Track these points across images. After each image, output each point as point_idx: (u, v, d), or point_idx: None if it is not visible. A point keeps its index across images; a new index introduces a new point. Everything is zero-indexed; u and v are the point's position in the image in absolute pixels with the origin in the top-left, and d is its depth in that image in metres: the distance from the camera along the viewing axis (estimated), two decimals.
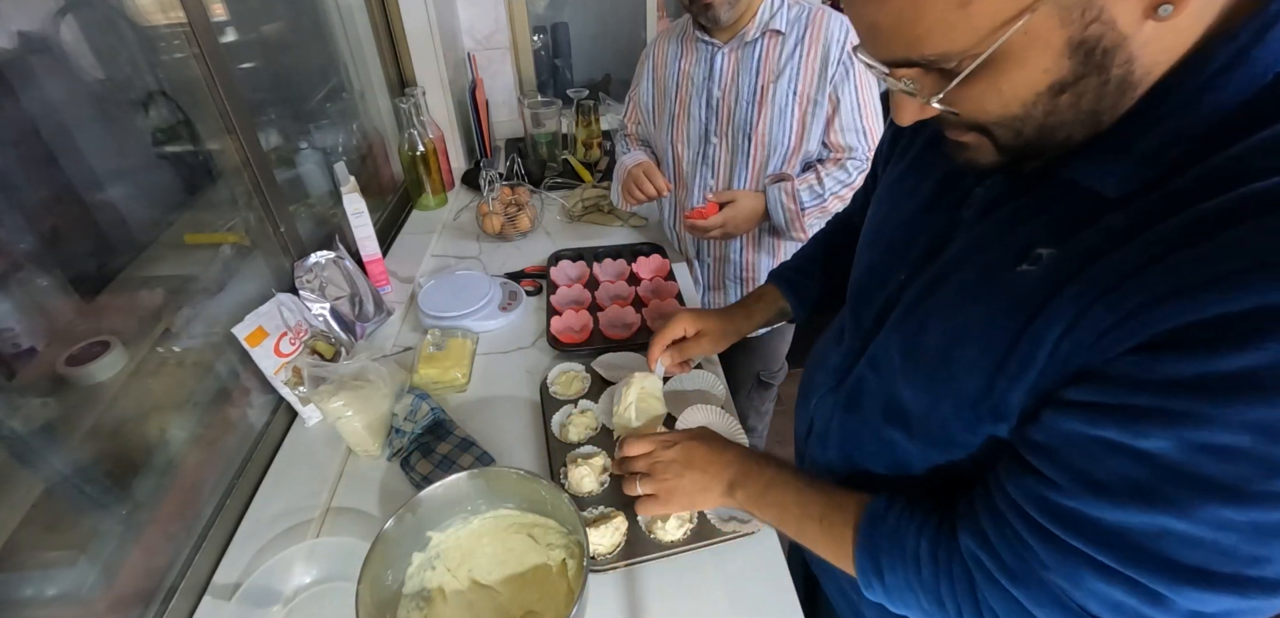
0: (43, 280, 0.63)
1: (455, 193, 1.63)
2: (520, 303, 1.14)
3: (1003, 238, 0.43)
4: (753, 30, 1.08)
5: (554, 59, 2.03)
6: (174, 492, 0.73)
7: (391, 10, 1.51)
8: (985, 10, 0.31)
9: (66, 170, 0.68)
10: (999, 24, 0.32)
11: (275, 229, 0.97)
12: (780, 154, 1.13)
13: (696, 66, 1.15)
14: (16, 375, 0.59)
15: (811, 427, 0.66)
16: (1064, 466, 0.37)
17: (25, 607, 0.57)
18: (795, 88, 1.08)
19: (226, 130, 0.88)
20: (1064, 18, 0.31)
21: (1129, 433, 0.34)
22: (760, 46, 1.09)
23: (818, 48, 1.06)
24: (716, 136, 1.17)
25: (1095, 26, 0.31)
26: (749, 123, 1.12)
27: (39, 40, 0.66)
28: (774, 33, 1.08)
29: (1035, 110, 0.36)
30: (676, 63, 1.19)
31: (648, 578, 0.70)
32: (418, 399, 0.86)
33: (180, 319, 0.79)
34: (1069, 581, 0.38)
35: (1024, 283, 0.40)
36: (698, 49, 1.15)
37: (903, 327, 0.51)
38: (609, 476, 0.79)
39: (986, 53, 0.33)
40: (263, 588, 0.68)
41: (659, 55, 1.24)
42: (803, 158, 1.14)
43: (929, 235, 0.51)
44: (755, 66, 1.10)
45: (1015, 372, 0.40)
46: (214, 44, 0.84)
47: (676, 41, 1.20)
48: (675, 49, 1.20)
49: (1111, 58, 0.33)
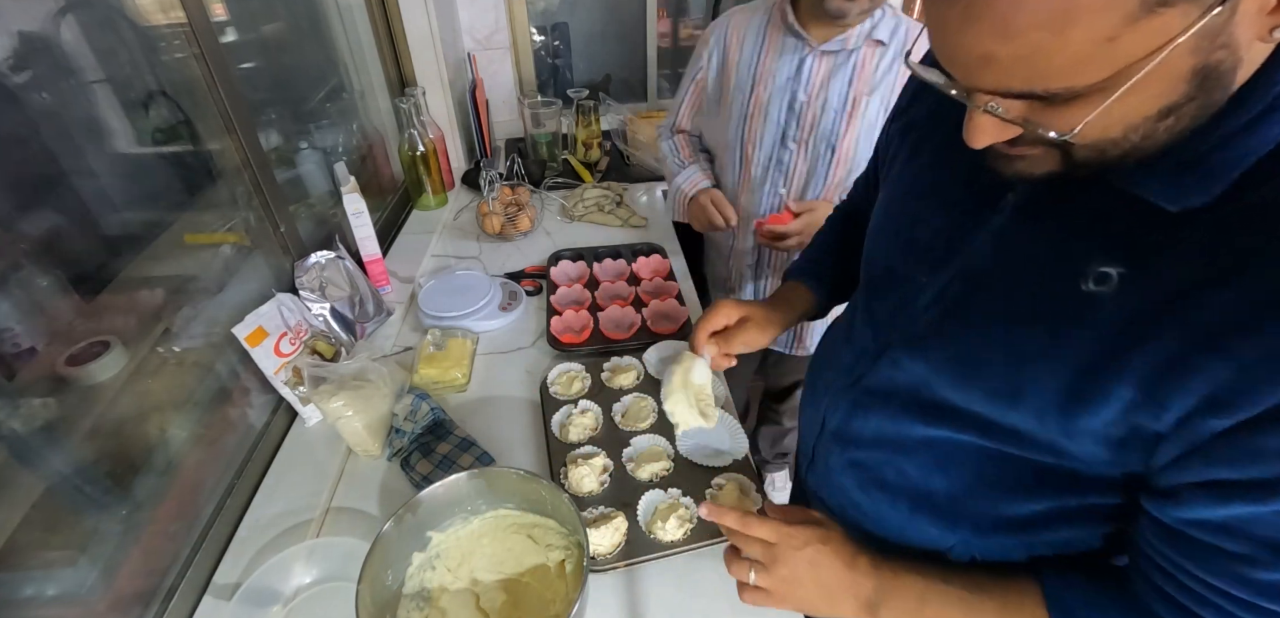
0: (43, 280, 0.63)
1: (455, 193, 1.63)
2: (520, 303, 1.14)
3: (1049, 246, 0.42)
4: (854, 37, 0.98)
5: (554, 59, 2.03)
6: (174, 492, 0.73)
7: (391, 10, 1.51)
8: (1132, 43, 0.29)
9: (67, 170, 0.68)
10: (1141, 57, 0.29)
11: (275, 229, 0.97)
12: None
13: (780, 63, 1.04)
14: (16, 375, 0.59)
15: (823, 427, 0.64)
16: (1250, 540, 0.36)
17: (25, 607, 0.57)
18: (888, 105, 1.00)
19: (226, 130, 0.88)
20: (1198, 46, 0.30)
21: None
22: (858, 55, 1.00)
23: None
24: (794, 143, 1.07)
25: (1222, 52, 0.31)
26: (835, 134, 1.03)
27: (39, 40, 0.66)
28: (875, 42, 0.99)
29: (1135, 134, 0.34)
30: (756, 54, 1.06)
31: (648, 578, 0.70)
32: (418, 399, 0.86)
33: (180, 319, 0.79)
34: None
35: (1095, 307, 0.39)
36: (784, 43, 1.03)
37: (938, 332, 0.50)
38: (609, 476, 0.79)
39: (1125, 86, 0.30)
40: (263, 588, 0.68)
41: (733, 40, 1.10)
42: None
43: (953, 236, 0.49)
44: (850, 75, 1.00)
45: (1093, 403, 0.39)
46: (214, 44, 0.84)
47: (757, 31, 1.07)
48: (755, 39, 1.07)
49: (1222, 80, 0.32)
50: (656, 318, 1.08)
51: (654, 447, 0.83)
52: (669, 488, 0.77)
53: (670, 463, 0.81)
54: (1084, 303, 0.39)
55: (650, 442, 0.84)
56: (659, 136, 1.34)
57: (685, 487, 0.77)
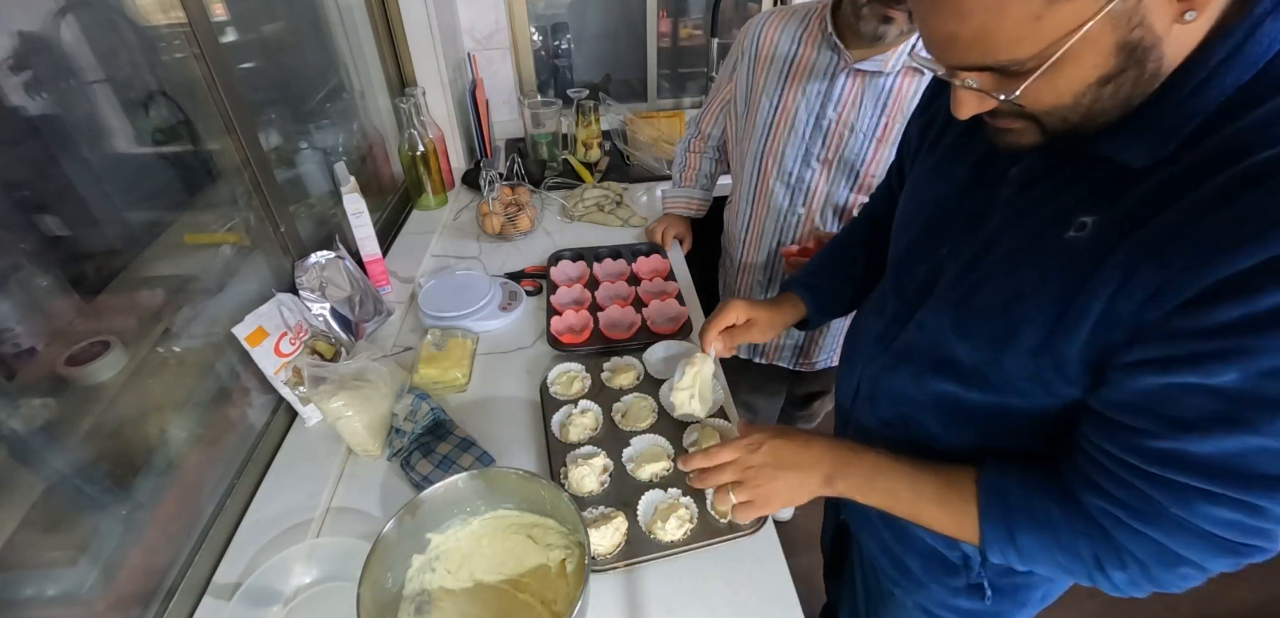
0: (43, 280, 0.63)
1: (455, 193, 1.63)
2: (520, 303, 1.14)
3: (1045, 207, 0.49)
4: (893, 59, 0.94)
5: (554, 59, 2.03)
6: (174, 492, 0.73)
7: (391, 10, 1.51)
8: (1054, 22, 0.37)
9: (67, 170, 0.68)
10: (1065, 33, 0.37)
11: (275, 229, 0.97)
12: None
13: (813, 75, 1.00)
14: (16, 375, 0.59)
15: (858, 389, 0.71)
16: (1152, 415, 0.43)
17: (25, 607, 0.57)
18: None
19: (226, 130, 0.88)
20: (1115, 24, 0.37)
21: (1200, 374, 0.40)
22: (895, 80, 0.96)
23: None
24: (818, 162, 1.04)
25: (1138, 30, 0.38)
26: (861, 159, 1.01)
27: (39, 40, 0.66)
28: (913, 71, 0.95)
29: (1083, 100, 0.41)
30: (789, 61, 1.03)
31: (648, 578, 0.70)
32: (418, 399, 0.86)
33: (180, 319, 0.79)
34: (1184, 510, 0.44)
35: (1073, 248, 0.45)
36: (820, 55, 0.99)
37: (953, 291, 0.56)
38: (609, 476, 0.79)
39: (1054, 57, 0.38)
40: (263, 588, 0.68)
41: (767, 40, 1.06)
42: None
43: (968, 211, 0.57)
44: (884, 100, 0.97)
45: (1071, 326, 0.45)
46: (214, 44, 0.84)
47: (794, 36, 1.03)
48: (791, 43, 1.03)
49: (1147, 54, 0.39)
50: (656, 318, 1.08)
51: (654, 447, 0.83)
52: (669, 488, 0.77)
53: (670, 463, 0.81)
54: (1065, 247, 0.46)
55: (650, 442, 0.84)
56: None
57: (685, 487, 0.77)
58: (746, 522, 0.73)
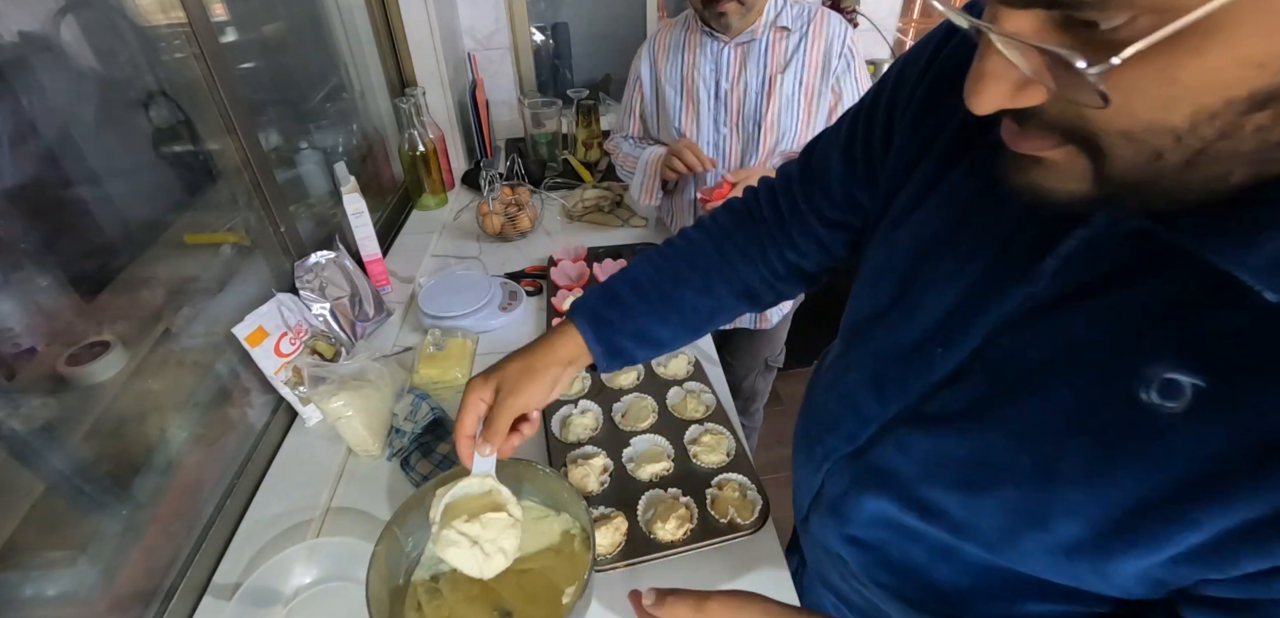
0: (43, 280, 0.63)
1: (455, 193, 1.63)
2: (520, 303, 1.14)
3: (1105, 342, 0.32)
4: (760, 28, 1.11)
5: (554, 59, 2.03)
6: (174, 492, 0.73)
7: (391, 10, 1.51)
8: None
9: (67, 170, 0.68)
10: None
11: (275, 229, 0.97)
12: (789, 138, 1.16)
13: (702, 63, 1.18)
14: (16, 375, 0.59)
15: (820, 495, 0.55)
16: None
17: (25, 607, 0.57)
18: (800, 79, 1.13)
19: (226, 130, 0.88)
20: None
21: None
22: (766, 41, 1.13)
23: (820, 44, 1.11)
24: (726, 128, 1.20)
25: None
26: (758, 112, 1.16)
27: (39, 40, 0.66)
28: (780, 29, 1.12)
29: (1208, 127, 0.22)
30: (680, 60, 1.21)
31: (648, 578, 0.70)
32: (418, 399, 0.86)
33: (180, 319, 0.79)
34: None
35: (1162, 426, 0.29)
36: (702, 45, 1.17)
37: (956, 430, 0.40)
38: (609, 476, 0.79)
39: (1200, 11, 0.19)
40: (263, 588, 0.68)
41: (659, 59, 1.25)
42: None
43: (975, 307, 0.39)
44: (762, 60, 1.14)
45: (1143, 541, 0.31)
46: (214, 44, 0.84)
47: (679, 40, 1.21)
48: (678, 45, 1.21)
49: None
50: None
51: (654, 447, 0.83)
52: (669, 488, 0.77)
53: (670, 463, 0.81)
54: (1144, 418, 0.30)
55: (650, 442, 0.84)
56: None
57: (685, 487, 0.77)
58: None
